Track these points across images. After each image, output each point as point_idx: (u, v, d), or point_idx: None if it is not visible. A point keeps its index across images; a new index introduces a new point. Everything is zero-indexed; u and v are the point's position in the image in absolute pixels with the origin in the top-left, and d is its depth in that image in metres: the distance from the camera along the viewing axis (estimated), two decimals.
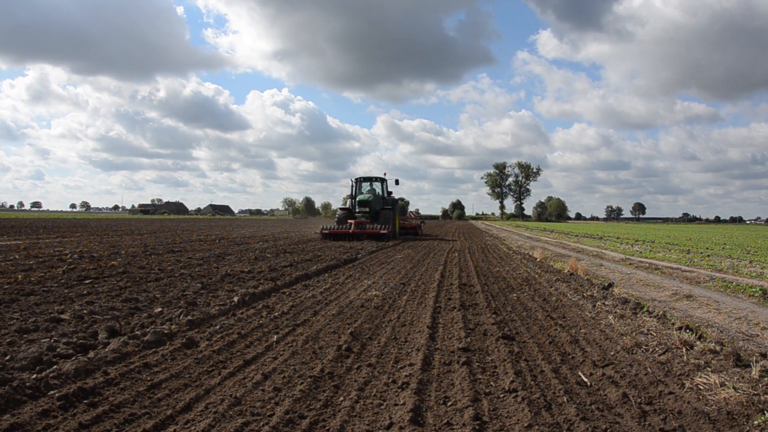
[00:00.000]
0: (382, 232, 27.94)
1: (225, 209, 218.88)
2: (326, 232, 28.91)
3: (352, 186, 34.23)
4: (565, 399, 4.67)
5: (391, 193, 34.95)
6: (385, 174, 35.55)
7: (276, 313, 8.04)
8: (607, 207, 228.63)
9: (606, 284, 11.30)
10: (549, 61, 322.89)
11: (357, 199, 32.07)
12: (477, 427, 4.08)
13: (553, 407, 4.50)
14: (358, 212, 31.43)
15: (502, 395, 4.79)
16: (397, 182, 35.05)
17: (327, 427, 4.09)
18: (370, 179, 34.95)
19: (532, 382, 5.11)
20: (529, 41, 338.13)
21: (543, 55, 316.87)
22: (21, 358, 5.29)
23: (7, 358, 5.35)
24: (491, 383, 5.13)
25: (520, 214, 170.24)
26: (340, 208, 34.45)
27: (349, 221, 29.40)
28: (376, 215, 31.35)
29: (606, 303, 9.20)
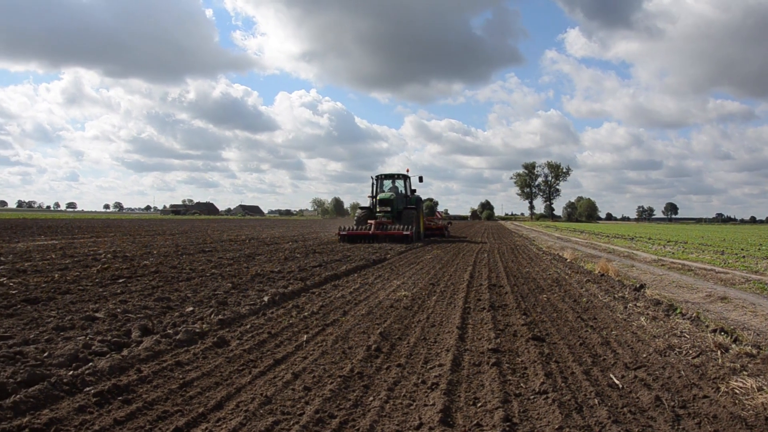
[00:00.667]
0: (404, 233, 25.68)
1: (255, 210, 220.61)
2: (344, 233, 26.85)
3: (373, 184, 31.74)
4: (596, 401, 4.62)
5: (414, 191, 32.53)
6: (408, 170, 33.15)
7: (306, 313, 8.10)
8: (639, 207, 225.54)
9: (638, 285, 11.16)
10: (577, 59, 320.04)
11: (378, 198, 29.69)
12: (507, 428, 4.06)
13: (584, 409, 4.45)
14: (379, 212, 29.15)
15: (532, 397, 4.76)
16: (421, 179, 32.35)
17: (357, 427, 4.10)
18: (392, 176, 32.48)
19: (563, 384, 5.06)
20: (557, 40, 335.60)
21: (571, 53, 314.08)
22: (58, 355, 5.40)
23: (45, 354, 5.47)
24: (521, 384, 5.09)
25: (549, 215, 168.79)
26: (360, 207, 31.88)
27: (369, 221, 27.47)
28: (399, 215, 29.16)
29: (638, 304, 9.08)
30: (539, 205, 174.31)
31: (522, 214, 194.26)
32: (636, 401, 4.70)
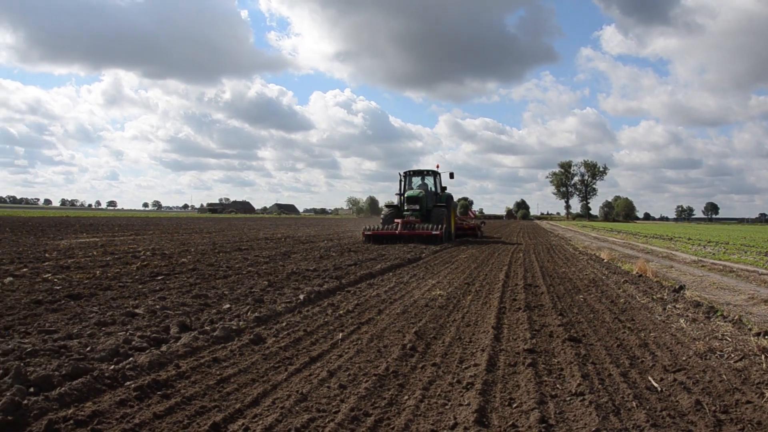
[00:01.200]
0: (433, 233, 24.18)
1: (290, 208, 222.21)
2: (369, 233, 25.36)
3: (401, 180, 30.04)
4: (634, 404, 4.55)
5: (445, 188, 30.75)
6: (438, 166, 31.50)
7: (341, 312, 8.14)
8: (678, 207, 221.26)
9: (677, 287, 10.96)
10: (614, 57, 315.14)
11: (405, 195, 28.06)
12: (543, 430, 4.03)
13: (621, 412, 4.39)
14: (407, 210, 27.42)
15: (568, 398, 4.71)
16: (452, 176, 30.37)
17: (392, 426, 4.11)
18: (421, 173, 30.80)
19: (600, 386, 4.99)
20: (592, 37, 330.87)
21: (607, 51, 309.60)
22: (100, 350, 5.52)
23: (88, 349, 5.59)
24: (557, 386, 5.04)
25: (586, 214, 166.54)
26: (386, 206, 30.10)
27: (396, 221, 25.82)
28: (428, 214, 27.46)
29: (677, 306, 8.92)
30: (575, 205, 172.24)
31: (558, 213, 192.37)
32: (675, 405, 4.61)
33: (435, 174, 30.58)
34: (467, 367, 5.54)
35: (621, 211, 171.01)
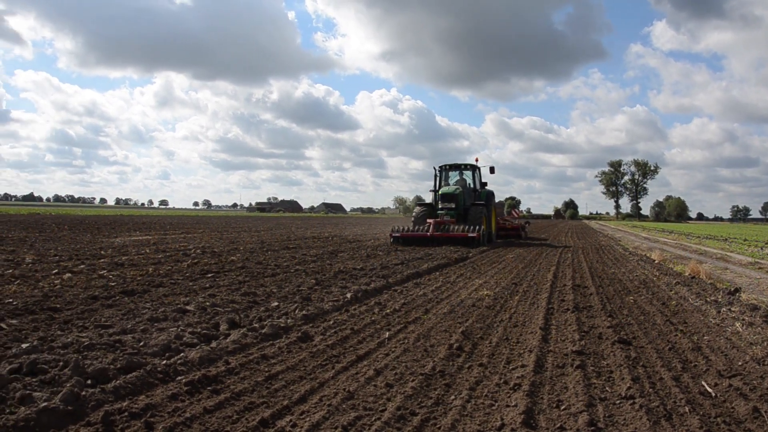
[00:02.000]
0: (469, 235, 21.65)
1: (337, 207, 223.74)
2: (396, 234, 22.66)
3: (436, 175, 26.80)
4: (687, 409, 4.42)
5: (485, 184, 27.68)
6: (477, 160, 27.80)
7: (388, 311, 8.15)
8: (733, 207, 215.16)
9: (732, 289, 10.63)
10: (665, 53, 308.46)
11: (440, 192, 25.31)
12: None
13: (673, 417, 4.27)
14: (441, 209, 24.65)
15: (618, 402, 4.61)
16: (492, 170, 27.49)
17: (438, 425, 4.10)
18: (458, 167, 27.89)
19: (651, 390, 4.87)
20: (642, 33, 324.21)
21: (658, 47, 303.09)
22: (152, 345, 5.66)
23: (141, 344, 5.74)
24: (607, 389, 4.95)
25: (636, 214, 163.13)
26: (418, 204, 26.88)
27: (428, 221, 23.12)
28: (465, 213, 24.60)
29: (732, 309, 8.65)
30: (625, 204, 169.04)
31: (607, 213, 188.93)
32: (731, 411, 4.47)
33: (474, 168, 27.67)
34: (514, 368, 5.49)
35: (673, 211, 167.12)
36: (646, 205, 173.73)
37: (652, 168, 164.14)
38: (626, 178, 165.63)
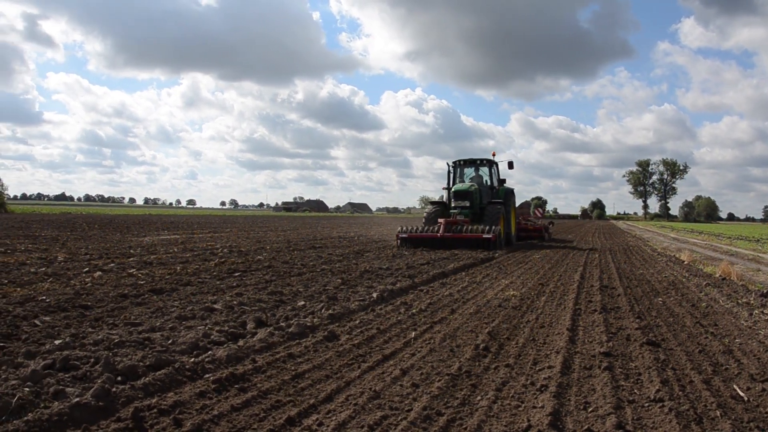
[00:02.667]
0: (484, 236, 19.67)
1: (363, 207, 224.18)
2: (404, 236, 20.78)
3: (449, 172, 24.99)
4: (718, 413, 4.35)
5: (504, 181, 25.64)
6: (494, 154, 25.57)
7: (414, 310, 8.15)
8: (765, 207, 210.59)
9: (765, 291, 10.44)
10: (693, 50, 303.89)
11: (453, 189, 23.39)
12: None
13: (704, 421, 4.20)
14: (455, 207, 22.89)
15: (647, 404, 4.55)
16: (511, 165, 24.91)
17: (464, 426, 4.08)
18: (474, 162, 25.60)
19: (680, 393, 4.80)
20: (670, 31, 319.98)
21: (686, 44, 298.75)
22: (181, 343, 5.72)
23: (170, 342, 5.81)
24: (635, 391, 4.88)
25: (665, 214, 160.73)
26: (431, 202, 25.19)
27: (439, 221, 20.93)
28: (480, 212, 22.73)
29: (765, 311, 8.49)
30: (653, 205, 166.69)
31: (635, 213, 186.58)
32: (765, 416, 4.38)
33: (491, 164, 25.48)
34: (541, 369, 5.45)
35: (702, 211, 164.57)
36: (674, 205, 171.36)
37: (681, 167, 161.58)
38: (654, 177, 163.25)
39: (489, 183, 25.37)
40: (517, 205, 28.04)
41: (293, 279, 10.95)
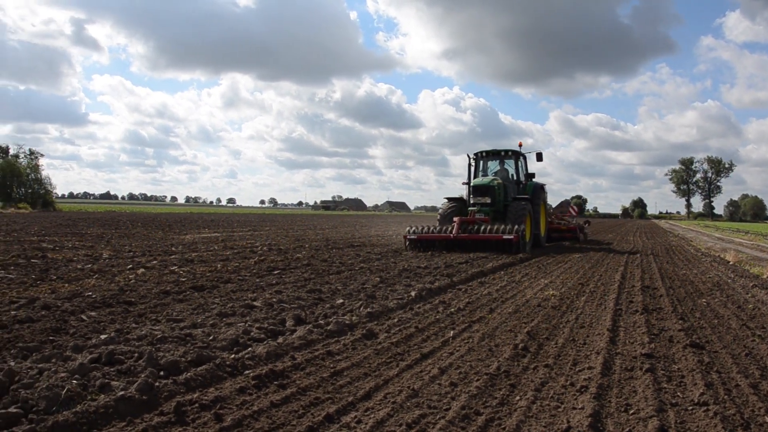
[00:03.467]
0: (504, 237, 17.33)
1: (401, 206, 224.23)
2: (413, 237, 18.52)
3: (470, 165, 22.28)
4: (767, 419, 4.24)
5: (532, 175, 22.94)
6: (520, 145, 22.88)
7: (452, 309, 8.12)
8: None
9: None
10: (738, 45, 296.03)
11: (472, 184, 20.88)
12: None
13: (752, 427, 4.07)
14: (473, 204, 20.27)
15: (690, 408, 4.45)
16: (539, 157, 22.09)
17: (503, 426, 4.06)
18: (497, 154, 22.74)
19: (726, 397, 4.68)
20: (714, 25, 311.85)
21: (731, 39, 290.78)
22: (221, 339, 5.81)
23: (211, 338, 5.90)
24: (678, 394, 4.78)
25: (709, 213, 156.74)
26: (448, 198, 22.04)
27: (454, 220, 18.56)
28: (504, 210, 20.17)
29: None
30: (697, 204, 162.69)
31: (677, 212, 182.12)
32: None
33: (517, 155, 22.61)
34: (581, 370, 5.38)
35: (749, 211, 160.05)
36: (719, 204, 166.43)
37: (726, 165, 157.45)
38: (698, 176, 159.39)
39: (515, 177, 22.59)
40: (556, 204, 27.18)
41: (332, 277, 11.02)
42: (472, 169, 22.39)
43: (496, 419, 4.17)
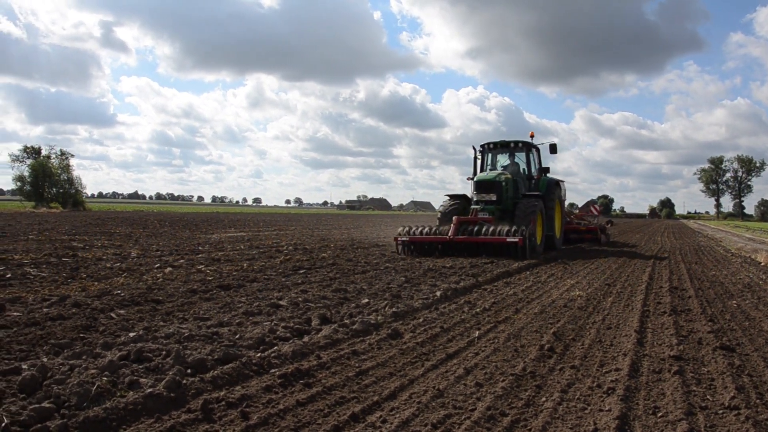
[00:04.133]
0: (508, 240, 15.21)
1: (426, 206, 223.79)
2: (404, 239, 16.41)
3: (476, 158, 20.12)
4: None
5: (546, 170, 20.58)
6: (532, 135, 20.58)
7: (477, 309, 8.09)
8: None
9: None
10: None
11: (476, 179, 18.58)
12: None
13: None
14: (477, 202, 18.16)
15: (720, 411, 4.37)
16: (553, 149, 20.29)
17: (529, 427, 4.03)
18: (506, 145, 20.30)
19: (758, 401, 4.58)
20: (743, 21, 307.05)
21: (762, 35, 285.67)
22: (248, 338, 5.85)
23: (237, 336, 5.95)
24: (707, 397, 4.71)
25: (739, 213, 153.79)
26: (450, 196, 19.67)
27: (455, 219, 16.42)
28: (512, 208, 17.96)
29: None
30: (727, 203, 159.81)
31: (706, 212, 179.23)
32: None
33: (528, 147, 20.19)
34: (608, 372, 5.33)
35: None
36: (749, 204, 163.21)
37: (758, 164, 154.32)
38: (728, 175, 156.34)
39: (526, 171, 20.22)
40: (582, 205, 26.35)
41: (357, 276, 11.04)
42: (479, 162, 20.17)
43: (522, 420, 4.15)
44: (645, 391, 4.81)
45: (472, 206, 18.07)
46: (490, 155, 20.53)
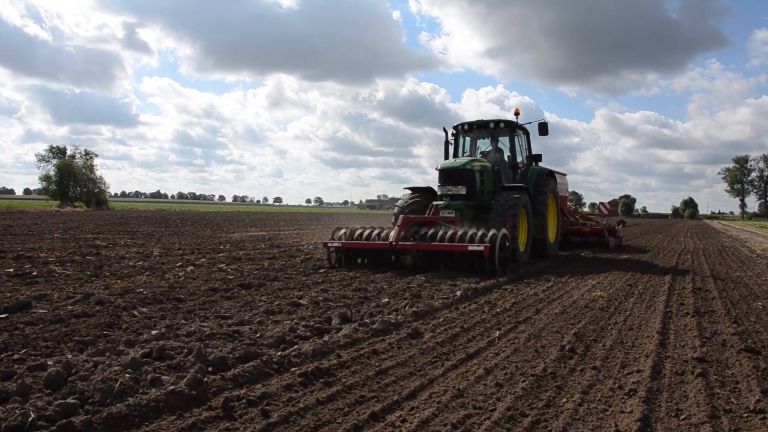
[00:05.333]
0: (470, 248, 11.28)
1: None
2: (337, 245, 12.54)
3: (448, 143, 16.19)
4: None
5: (537, 157, 16.58)
6: (517, 113, 16.30)
7: (498, 309, 8.06)
8: None
9: None
10: None
11: (441, 167, 14.66)
12: None
13: None
14: (442, 196, 14.42)
15: (745, 415, 4.31)
16: (543, 130, 15.78)
17: (549, 428, 4.01)
18: (486, 126, 15.93)
19: None
20: None
21: None
22: (268, 336, 5.89)
23: (258, 335, 5.99)
24: (732, 400, 4.64)
25: (765, 214, 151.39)
26: (411, 189, 15.72)
27: (401, 218, 12.42)
28: (487, 203, 14.25)
29: None
30: (752, 203, 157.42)
31: (731, 212, 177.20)
32: None
33: (512, 128, 15.86)
34: (629, 373, 5.28)
35: None
36: None
37: None
38: (753, 174, 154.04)
39: (509, 159, 16.18)
40: (606, 202, 25.46)
41: (377, 276, 11.05)
42: (451, 148, 16.23)
43: (542, 421, 4.13)
44: (667, 393, 4.76)
45: (434, 202, 14.26)
46: (468, 139, 16.64)
